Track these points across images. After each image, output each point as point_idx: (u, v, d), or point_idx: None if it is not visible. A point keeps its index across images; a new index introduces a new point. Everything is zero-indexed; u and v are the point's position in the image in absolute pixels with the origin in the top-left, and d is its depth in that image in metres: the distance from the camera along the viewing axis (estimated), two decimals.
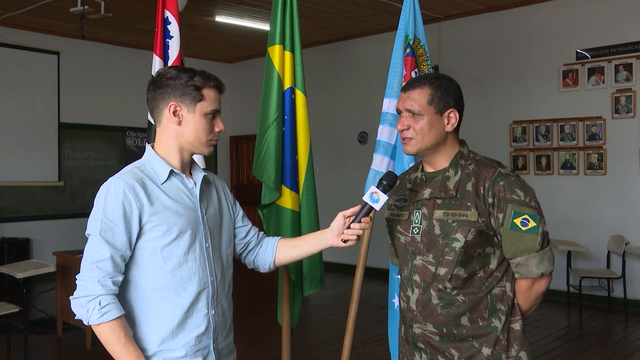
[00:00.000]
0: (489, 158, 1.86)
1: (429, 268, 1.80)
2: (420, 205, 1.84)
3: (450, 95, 1.81)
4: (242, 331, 5.36)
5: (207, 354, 1.76)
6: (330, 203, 8.66)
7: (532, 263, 1.72)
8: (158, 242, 1.68)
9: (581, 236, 6.54)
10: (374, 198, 1.79)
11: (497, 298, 1.78)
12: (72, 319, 5.06)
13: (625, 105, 6.35)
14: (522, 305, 1.81)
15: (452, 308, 1.78)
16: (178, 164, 1.77)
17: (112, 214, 1.64)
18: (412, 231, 1.85)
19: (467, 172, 1.80)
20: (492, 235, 1.76)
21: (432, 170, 1.88)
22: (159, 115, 1.76)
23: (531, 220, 1.70)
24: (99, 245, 1.64)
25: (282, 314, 2.98)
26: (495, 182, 1.74)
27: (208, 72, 1.76)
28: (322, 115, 8.81)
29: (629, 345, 5.23)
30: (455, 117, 1.82)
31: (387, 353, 2.92)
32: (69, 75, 8.48)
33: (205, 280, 1.74)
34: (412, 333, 1.87)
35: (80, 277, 1.65)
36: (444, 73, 1.97)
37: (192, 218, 1.73)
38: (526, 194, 1.73)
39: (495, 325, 1.76)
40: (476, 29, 7.47)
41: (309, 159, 2.92)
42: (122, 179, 1.68)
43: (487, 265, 1.78)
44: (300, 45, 2.91)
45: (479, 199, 1.74)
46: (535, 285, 1.77)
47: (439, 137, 1.81)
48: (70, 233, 8.29)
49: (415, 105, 1.80)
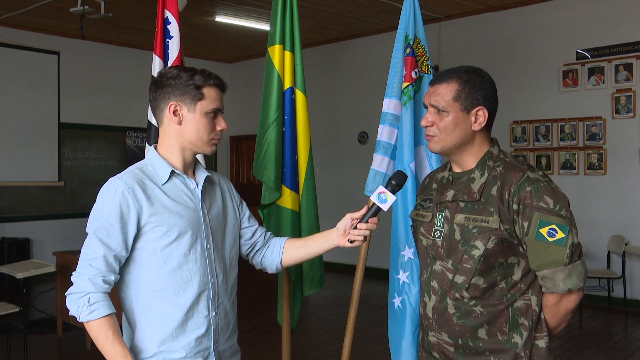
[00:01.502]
0: (520, 160, 1.73)
1: (447, 275, 1.70)
2: (443, 208, 1.74)
3: (479, 92, 1.68)
4: (242, 331, 5.34)
5: (208, 355, 1.75)
6: (330, 203, 8.69)
7: (558, 277, 1.58)
8: (158, 243, 1.67)
9: (581, 236, 6.43)
10: (381, 198, 1.73)
11: (520, 312, 1.65)
12: (72, 319, 5.07)
13: (625, 105, 6.35)
14: (550, 322, 1.67)
15: (469, 319, 1.67)
16: (180, 165, 1.76)
17: (108, 214, 1.64)
18: (434, 234, 1.75)
19: (494, 174, 1.67)
20: (516, 244, 1.63)
21: (459, 170, 1.77)
22: (160, 115, 1.76)
23: (559, 230, 1.57)
24: (93, 244, 1.65)
25: (282, 314, 2.98)
26: (521, 187, 1.61)
27: (209, 71, 1.75)
28: (322, 115, 8.81)
29: (629, 345, 5.23)
30: (483, 115, 1.69)
31: (387, 353, 2.91)
32: (69, 75, 8.48)
33: (206, 281, 1.74)
34: (428, 341, 1.79)
35: (74, 273, 1.67)
36: None
37: (192, 219, 1.72)
38: (556, 201, 1.59)
39: (515, 341, 1.64)
40: (476, 29, 7.47)
41: (309, 159, 2.92)
42: (121, 180, 1.67)
43: (509, 276, 1.65)
44: (300, 45, 2.91)
45: (503, 205, 1.62)
46: (564, 301, 1.63)
47: (464, 136, 1.70)
48: (70, 233, 8.29)
49: (440, 101, 1.69)
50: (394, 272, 2.77)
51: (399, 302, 2.72)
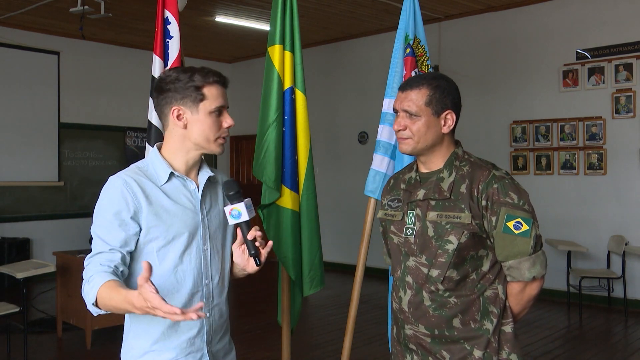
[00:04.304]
0: (484, 160, 1.85)
1: (422, 270, 1.79)
2: (414, 206, 1.83)
3: (448, 97, 1.79)
4: (242, 331, 5.36)
5: (201, 357, 1.74)
6: (330, 203, 8.70)
7: (524, 267, 1.71)
8: (154, 243, 1.67)
9: (581, 236, 6.54)
10: (235, 215, 1.65)
11: (490, 300, 1.78)
12: (72, 319, 5.07)
13: (625, 105, 6.35)
14: (514, 308, 1.80)
15: (444, 310, 1.77)
16: (182, 167, 1.75)
17: (107, 212, 1.63)
18: (405, 232, 1.84)
19: (462, 173, 1.78)
20: (485, 237, 1.75)
21: (426, 170, 1.87)
22: (165, 120, 1.74)
23: (524, 223, 1.70)
24: (95, 242, 1.64)
25: (282, 314, 2.98)
26: (489, 184, 1.73)
27: (208, 69, 1.72)
28: (322, 115, 8.81)
29: (629, 345, 5.23)
30: (452, 118, 1.80)
31: (387, 353, 2.92)
32: (69, 75, 8.48)
33: (200, 282, 1.73)
34: (404, 334, 1.87)
35: (83, 274, 1.65)
36: (442, 73, 1.95)
37: (190, 220, 1.72)
38: (520, 197, 1.72)
39: (487, 327, 1.76)
40: (476, 29, 7.47)
41: (309, 159, 2.92)
42: (120, 178, 1.67)
43: (479, 268, 1.77)
44: (300, 45, 2.92)
45: (473, 201, 1.73)
46: (527, 288, 1.76)
47: (435, 139, 1.80)
48: (70, 233, 8.29)
49: (412, 106, 1.78)
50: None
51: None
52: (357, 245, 3.07)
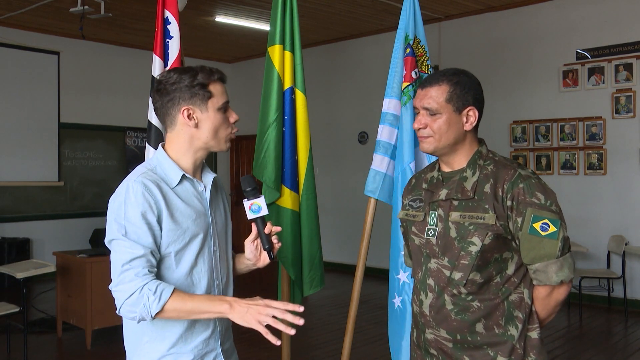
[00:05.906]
0: (509, 159, 1.78)
1: (444, 272, 1.73)
2: (436, 207, 1.76)
3: (469, 93, 1.74)
4: (242, 331, 5.31)
5: (216, 356, 1.75)
6: (330, 203, 8.71)
7: (551, 270, 1.63)
8: (172, 246, 1.66)
9: (581, 236, 6.53)
10: (255, 209, 1.70)
11: (515, 305, 1.70)
12: (72, 319, 5.07)
13: (625, 105, 6.35)
14: (540, 313, 1.73)
15: (467, 314, 1.70)
16: (190, 167, 1.74)
17: (134, 217, 1.60)
18: (427, 233, 1.77)
19: (486, 172, 1.72)
20: (510, 239, 1.68)
21: (449, 170, 1.80)
22: (171, 122, 1.72)
23: (551, 225, 1.62)
24: (128, 247, 1.58)
25: None
26: (514, 184, 1.66)
27: (208, 67, 1.72)
28: (322, 115, 8.81)
29: (629, 345, 5.23)
30: (474, 115, 1.75)
31: (387, 353, 2.92)
32: (69, 75, 8.48)
33: (212, 283, 1.74)
34: (425, 338, 1.80)
35: (114, 284, 1.58)
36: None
37: (203, 222, 1.72)
38: (547, 197, 1.65)
39: (511, 333, 1.69)
40: (476, 29, 7.47)
41: (309, 159, 2.92)
42: (139, 182, 1.63)
43: (504, 271, 1.70)
44: (300, 45, 2.92)
45: (497, 202, 1.66)
46: (554, 292, 1.68)
47: (457, 136, 1.74)
48: (70, 233, 8.28)
49: (433, 103, 1.73)
50: (394, 272, 2.77)
51: (399, 302, 2.73)
52: (357, 245, 3.07)
